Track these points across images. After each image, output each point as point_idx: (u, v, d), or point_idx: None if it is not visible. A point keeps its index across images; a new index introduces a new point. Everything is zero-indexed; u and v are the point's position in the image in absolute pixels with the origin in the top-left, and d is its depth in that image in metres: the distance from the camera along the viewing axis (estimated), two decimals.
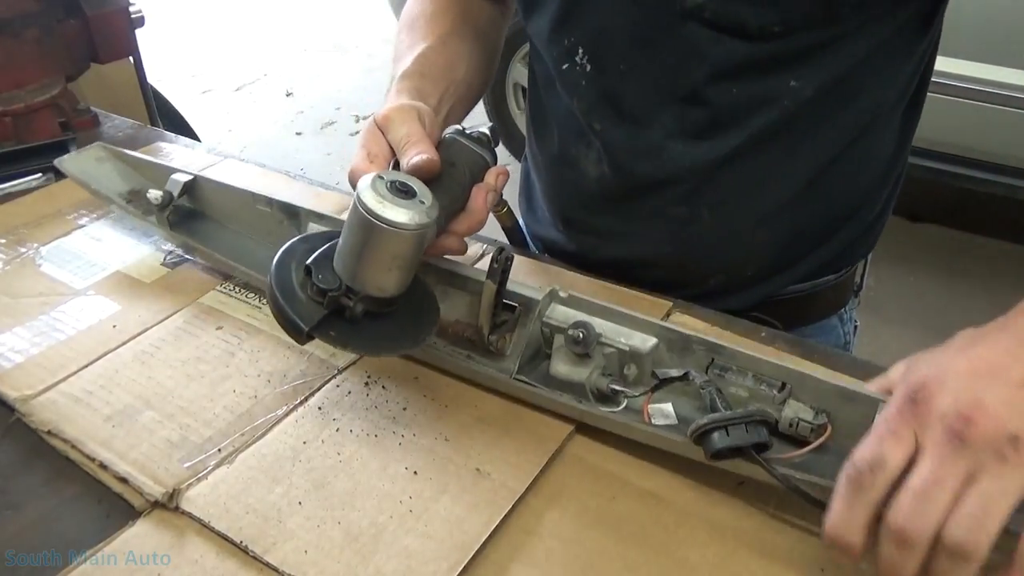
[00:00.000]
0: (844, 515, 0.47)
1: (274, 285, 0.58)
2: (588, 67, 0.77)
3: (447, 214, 0.65)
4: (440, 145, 0.68)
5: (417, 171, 0.62)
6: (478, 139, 0.71)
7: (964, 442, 0.44)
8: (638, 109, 0.76)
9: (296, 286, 0.59)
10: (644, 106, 0.76)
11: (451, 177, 0.66)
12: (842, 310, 0.91)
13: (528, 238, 0.98)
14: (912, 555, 0.45)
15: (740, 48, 0.69)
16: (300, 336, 0.58)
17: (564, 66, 0.79)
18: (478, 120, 0.74)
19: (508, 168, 0.72)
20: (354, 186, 0.62)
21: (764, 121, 0.72)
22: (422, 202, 0.57)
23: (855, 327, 0.94)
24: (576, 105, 0.80)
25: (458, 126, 0.73)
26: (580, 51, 0.77)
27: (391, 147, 0.66)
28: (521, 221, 1.05)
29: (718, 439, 0.55)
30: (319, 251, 0.60)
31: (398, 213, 0.55)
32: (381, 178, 0.57)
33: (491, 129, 0.73)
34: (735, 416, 0.55)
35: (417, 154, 0.63)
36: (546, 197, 0.93)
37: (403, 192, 0.57)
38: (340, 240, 0.59)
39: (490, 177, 0.70)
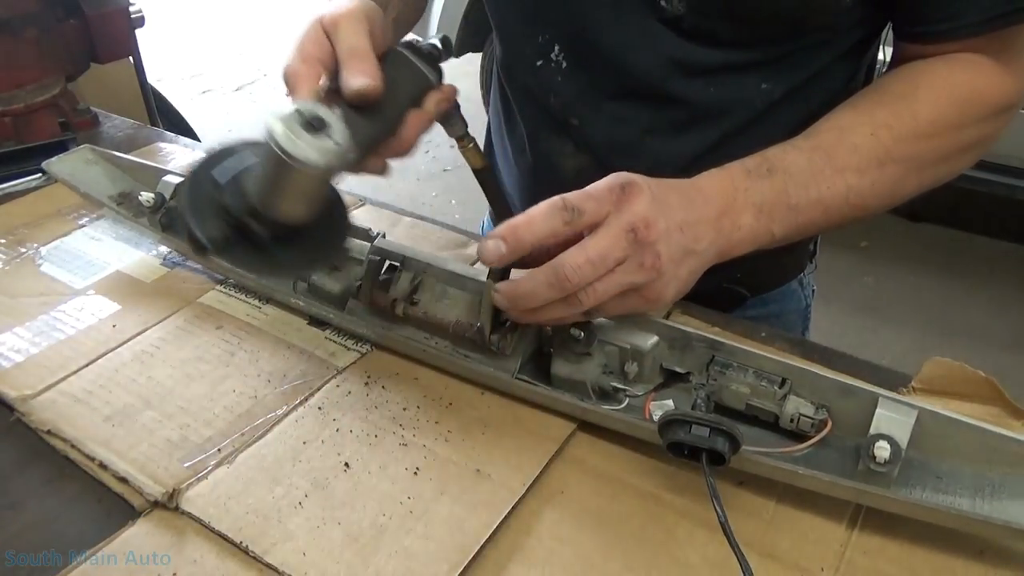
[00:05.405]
0: (538, 219, 0.55)
1: (187, 197, 0.57)
2: (564, 64, 0.77)
3: (377, 139, 0.63)
4: (384, 59, 0.64)
5: (358, 97, 0.60)
6: (428, 54, 0.67)
7: (635, 239, 0.55)
8: (616, 107, 0.77)
9: (208, 202, 0.57)
10: (622, 104, 0.77)
11: (388, 102, 0.63)
12: (801, 275, 0.95)
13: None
14: (552, 293, 0.56)
15: (715, 54, 0.72)
16: (202, 252, 0.57)
17: (539, 62, 0.79)
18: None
19: (454, 87, 0.68)
20: (286, 84, 0.62)
21: (737, 119, 0.75)
22: (337, 143, 0.55)
23: (813, 291, 0.99)
24: (552, 101, 0.80)
25: (410, 37, 0.68)
26: (556, 48, 0.77)
27: (334, 54, 0.62)
28: (486, 220, 1.05)
29: (676, 431, 0.55)
30: (238, 170, 0.58)
31: (308, 152, 0.53)
32: (299, 112, 0.54)
33: (443, 40, 0.68)
34: (704, 418, 0.55)
35: (360, 76, 0.60)
36: (517, 190, 0.93)
37: (317, 129, 0.54)
38: (255, 163, 0.58)
39: (429, 102, 0.67)
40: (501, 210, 0.83)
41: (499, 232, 0.55)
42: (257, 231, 0.57)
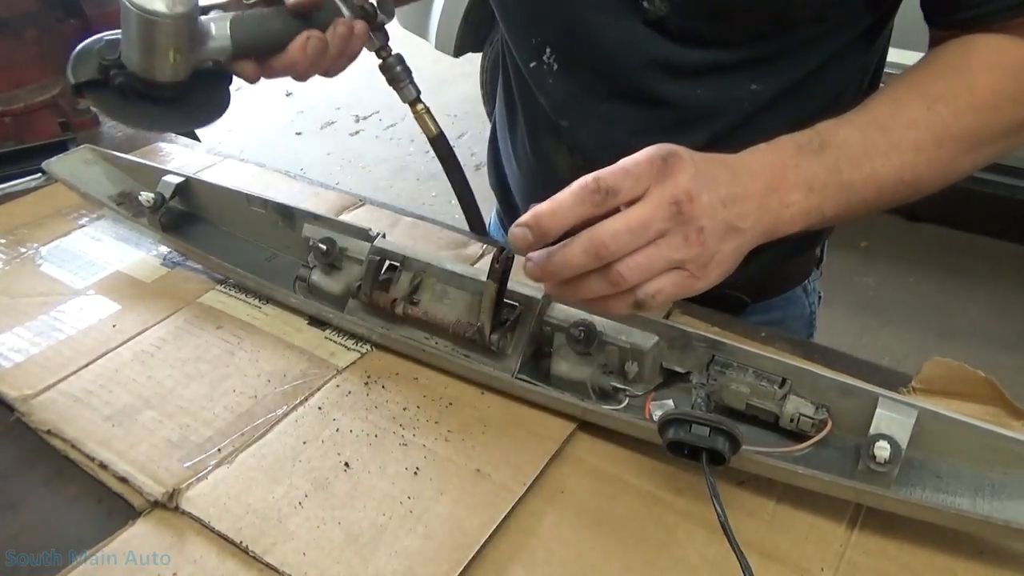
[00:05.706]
0: (565, 205, 0.52)
1: (78, 47, 0.67)
2: (555, 66, 0.78)
3: (258, 41, 0.70)
4: None
5: None
6: (358, 5, 0.73)
7: (678, 211, 0.52)
8: (605, 108, 0.77)
9: (91, 53, 0.67)
10: (611, 106, 0.77)
11: (279, 14, 0.70)
12: (806, 281, 0.94)
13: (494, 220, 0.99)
14: (589, 262, 0.52)
15: (702, 54, 0.71)
16: (72, 91, 0.67)
17: (532, 64, 0.79)
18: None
19: (365, 25, 0.73)
20: None
21: (726, 121, 0.74)
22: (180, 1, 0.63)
23: (819, 297, 0.97)
24: (545, 102, 0.80)
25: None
26: (547, 50, 0.77)
27: None
28: (493, 217, 1.05)
29: (676, 431, 0.55)
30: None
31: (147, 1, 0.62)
32: None
33: (379, 2, 0.76)
34: (703, 417, 0.55)
35: None
36: (519, 191, 0.93)
37: None
38: None
39: (330, 28, 0.72)
40: (456, 182, 0.85)
41: (524, 220, 0.53)
42: (119, 80, 0.66)
